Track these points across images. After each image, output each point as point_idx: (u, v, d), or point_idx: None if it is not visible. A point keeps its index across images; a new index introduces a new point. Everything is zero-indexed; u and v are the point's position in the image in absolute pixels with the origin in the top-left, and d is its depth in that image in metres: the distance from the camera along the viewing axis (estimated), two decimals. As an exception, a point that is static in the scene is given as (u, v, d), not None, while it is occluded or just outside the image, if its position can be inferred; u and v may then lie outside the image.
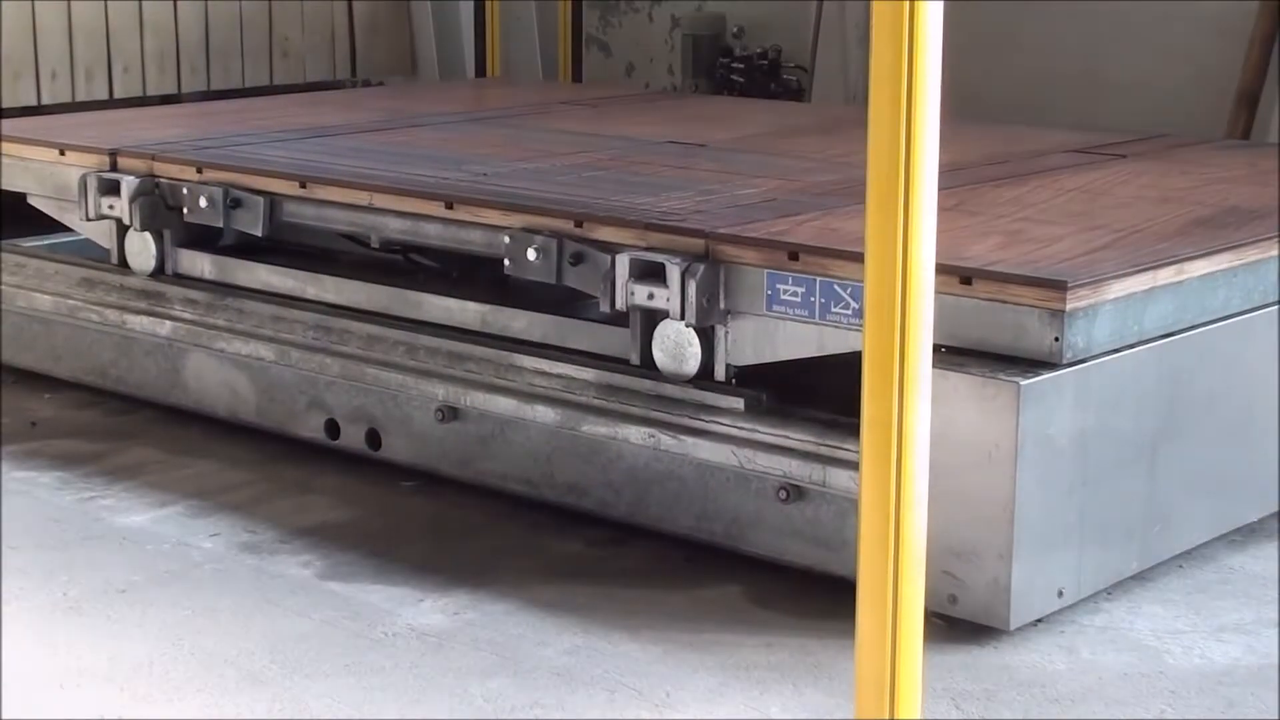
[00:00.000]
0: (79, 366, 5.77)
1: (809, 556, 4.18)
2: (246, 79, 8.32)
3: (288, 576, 4.32)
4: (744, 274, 4.26)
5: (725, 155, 5.60)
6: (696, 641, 3.95)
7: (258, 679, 3.76)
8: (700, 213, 4.59)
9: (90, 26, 7.73)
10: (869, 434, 2.88)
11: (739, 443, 4.25)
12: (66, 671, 3.79)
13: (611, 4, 9.70)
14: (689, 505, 4.38)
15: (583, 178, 5.17)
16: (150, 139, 5.83)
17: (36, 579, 4.29)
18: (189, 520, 4.69)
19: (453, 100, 7.24)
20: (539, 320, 4.77)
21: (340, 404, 5.06)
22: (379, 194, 5.06)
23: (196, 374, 5.42)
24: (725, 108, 7.30)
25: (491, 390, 4.71)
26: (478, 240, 4.83)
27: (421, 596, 4.19)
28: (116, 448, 5.28)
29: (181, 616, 4.08)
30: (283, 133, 6.04)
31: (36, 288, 5.85)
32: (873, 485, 2.88)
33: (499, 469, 4.74)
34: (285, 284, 5.33)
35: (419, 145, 5.82)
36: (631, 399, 4.46)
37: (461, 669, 3.81)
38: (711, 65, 9.20)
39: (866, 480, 2.89)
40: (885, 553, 2.89)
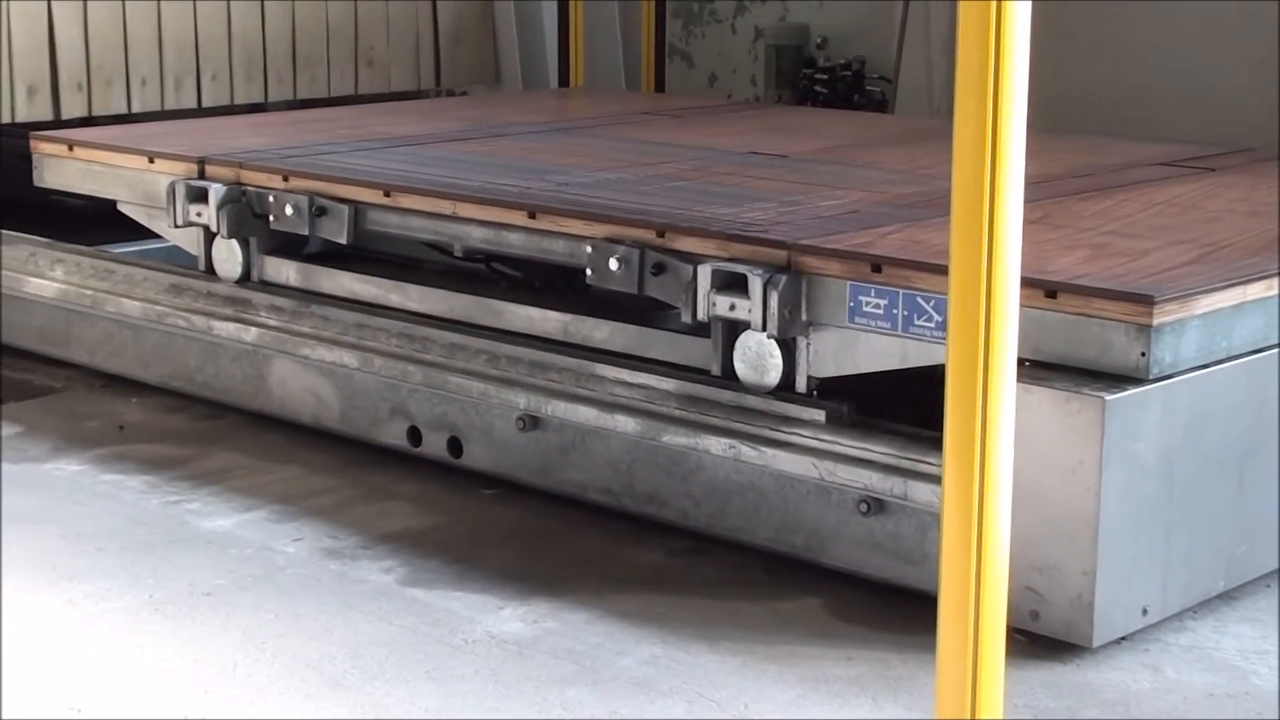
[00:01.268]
0: (166, 372, 5.83)
1: (889, 570, 4.17)
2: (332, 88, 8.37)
3: (369, 582, 4.35)
4: (826, 285, 4.25)
5: (808, 166, 5.60)
6: (775, 653, 3.95)
7: (339, 683, 3.79)
8: (782, 224, 4.59)
9: (180, 36, 7.80)
10: (952, 448, 2.87)
11: (820, 455, 4.24)
12: (152, 673, 3.83)
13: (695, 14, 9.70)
14: (769, 517, 4.38)
15: (665, 188, 5.18)
16: (238, 147, 5.88)
17: (123, 581, 4.34)
18: (273, 525, 4.73)
19: (536, 110, 7.26)
20: (620, 330, 4.78)
21: (422, 412, 5.08)
22: (462, 203, 5.08)
23: (281, 380, 5.47)
24: (808, 119, 7.28)
25: (573, 400, 4.72)
26: (560, 250, 4.85)
27: (501, 604, 4.21)
28: (202, 452, 5.33)
29: (264, 620, 4.11)
30: (367, 142, 6.08)
31: (126, 294, 5.91)
32: (955, 499, 2.87)
33: (579, 478, 4.75)
34: (369, 292, 5.37)
35: (502, 155, 5.84)
36: (712, 410, 4.46)
37: (540, 677, 3.82)
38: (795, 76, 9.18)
39: (949, 494, 2.88)
40: (967, 567, 2.88)
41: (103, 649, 3.96)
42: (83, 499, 4.94)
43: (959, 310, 2.83)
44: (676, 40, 9.66)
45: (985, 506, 2.86)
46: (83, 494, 4.98)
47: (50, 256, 6.22)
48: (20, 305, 6.29)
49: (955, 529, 2.88)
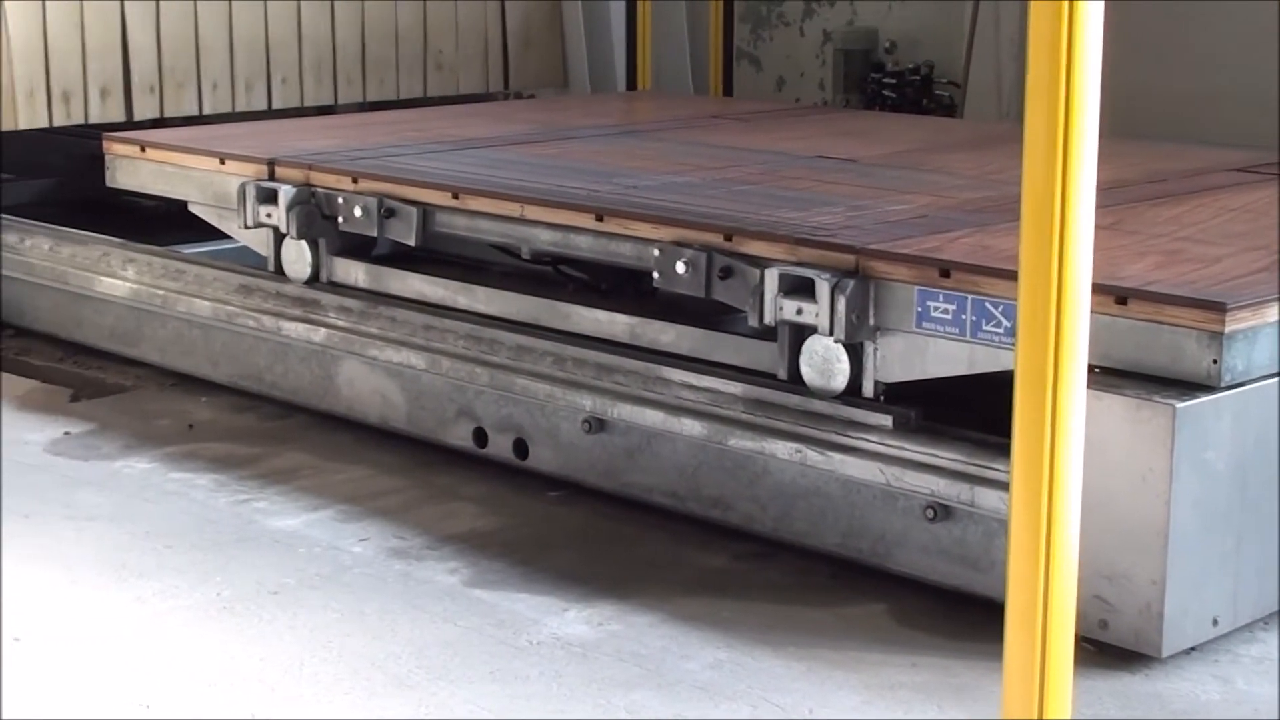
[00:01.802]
0: (235, 371, 5.87)
1: (955, 576, 4.15)
2: (401, 91, 8.40)
3: (435, 583, 4.36)
4: (894, 290, 4.24)
5: (876, 171, 5.58)
6: (840, 659, 3.94)
7: (404, 683, 3.80)
8: (850, 228, 4.58)
9: (251, 38, 7.85)
10: (1020, 454, 2.86)
11: (886, 460, 4.23)
12: (219, 670, 3.86)
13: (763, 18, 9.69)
14: (835, 522, 4.37)
15: (732, 192, 5.18)
16: (307, 149, 5.91)
17: (192, 579, 4.37)
18: (340, 525, 4.75)
19: (603, 113, 7.28)
20: (687, 333, 4.78)
21: (489, 413, 5.10)
22: (530, 206, 5.09)
23: (349, 381, 5.49)
24: (876, 123, 7.27)
25: (639, 402, 4.72)
26: (627, 253, 4.85)
27: (566, 606, 4.21)
28: (271, 451, 5.36)
29: (330, 619, 4.13)
30: (436, 144, 6.10)
31: (196, 294, 5.95)
32: (1023, 506, 2.86)
33: (645, 481, 4.75)
34: (437, 293, 5.39)
35: (570, 157, 5.85)
36: (779, 414, 4.45)
37: (605, 680, 3.83)
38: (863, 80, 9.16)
39: (1017, 501, 2.87)
40: (1035, 575, 2.86)
41: (171, 646, 3.99)
42: (152, 497, 4.98)
43: (1029, 316, 2.82)
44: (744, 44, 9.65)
45: (1054, 514, 2.84)
46: (152, 492, 5.02)
47: (122, 256, 6.27)
48: (92, 304, 6.34)
49: (1023, 536, 2.86)
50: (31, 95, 7.26)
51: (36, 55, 7.25)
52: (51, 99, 7.32)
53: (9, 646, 3.97)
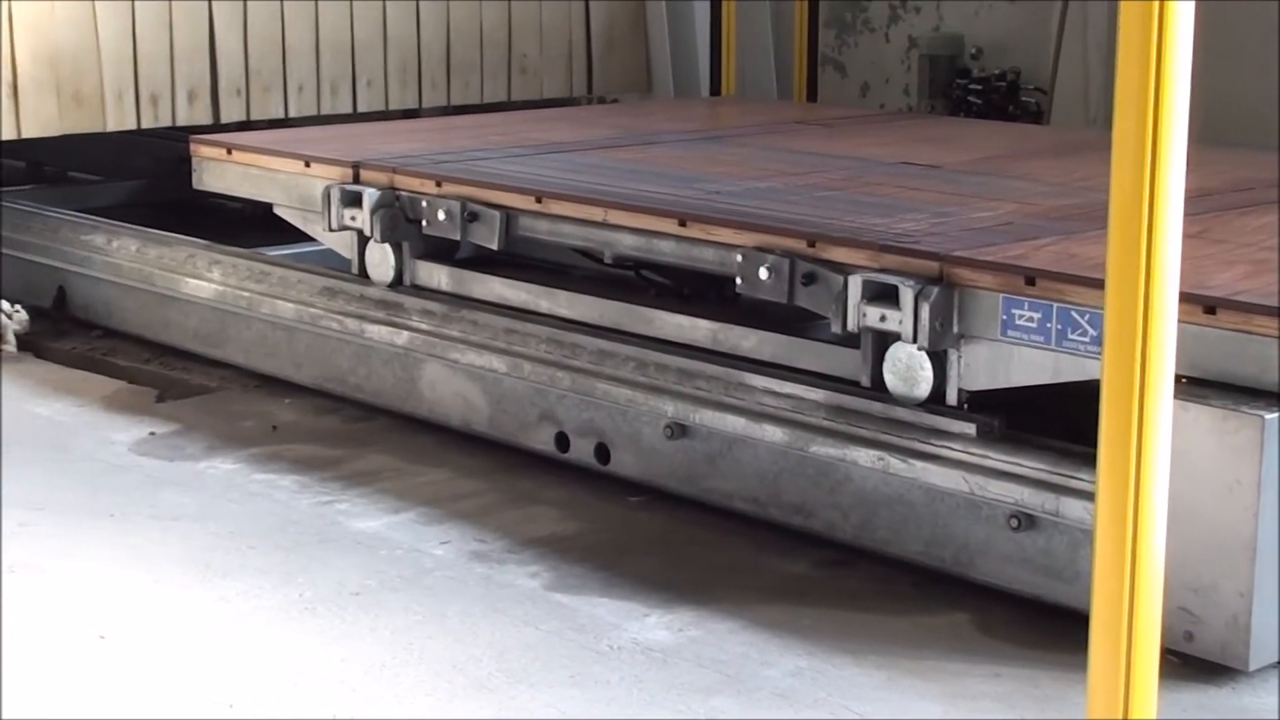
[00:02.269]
0: (319, 373, 5.90)
1: (1039, 586, 4.12)
2: (485, 95, 8.44)
3: (515, 586, 4.37)
4: (979, 298, 4.21)
5: (961, 177, 5.55)
6: (921, 668, 3.92)
7: (484, 686, 3.81)
8: (935, 235, 4.56)
9: (336, 42, 7.90)
10: (1106, 464, 2.83)
11: (970, 468, 4.21)
12: (301, 671, 3.88)
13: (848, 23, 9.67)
14: (917, 530, 4.34)
15: (816, 198, 5.16)
16: (391, 152, 5.94)
17: (275, 579, 4.39)
18: (421, 527, 4.77)
19: (687, 118, 7.27)
20: (769, 339, 4.77)
21: (570, 418, 5.10)
22: (613, 210, 5.09)
23: (431, 384, 5.51)
24: (961, 129, 7.23)
25: (720, 408, 4.71)
26: (710, 258, 4.85)
27: (647, 611, 4.21)
28: (353, 453, 5.39)
29: (411, 621, 4.14)
30: (519, 148, 6.12)
31: (280, 296, 5.99)
32: (1109, 517, 2.83)
33: (726, 487, 4.74)
34: (519, 297, 5.40)
35: (653, 162, 5.85)
36: (861, 421, 4.44)
37: (684, 685, 3.82)
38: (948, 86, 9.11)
39: (1102, 511, 2.84)
40: (1120, 586, 2.84)
41: (254, 646, 4.01)
42: (236, 498, 5.01)
43: (1115, 325, 2.80)
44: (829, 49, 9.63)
45: (1140, 524, 2.82)
46: (236, 493, 5.05)
47: (208, 258, 6.32)
48: (178, 305, 6.40)
49: (1109, 547, 2.84)
50: (120, 98, 7.34)
51: (126, 58, 7.32)
52: (140, 101, 7.40)
53: (96, 644, 4.01)
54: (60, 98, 7.18)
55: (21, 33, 7.01)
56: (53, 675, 3.87)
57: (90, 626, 4.09)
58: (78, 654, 3.97)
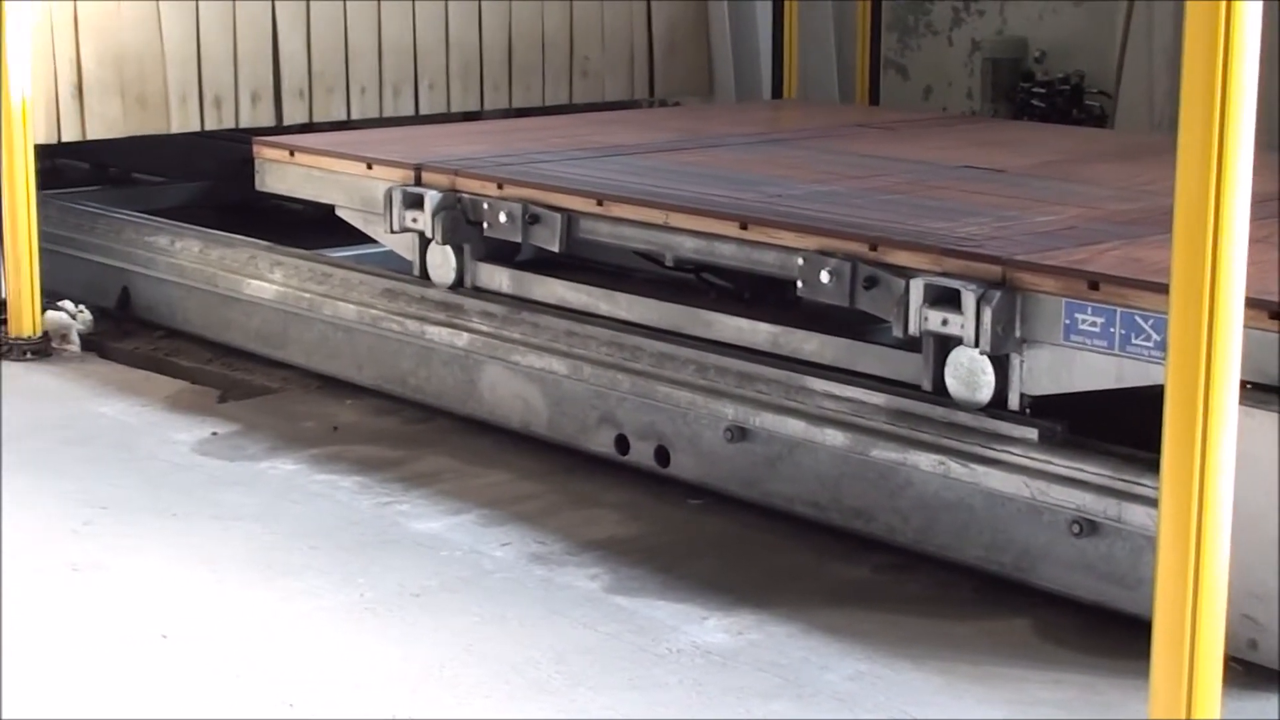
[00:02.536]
0: (379, 374, 5.92)
1: (1101, 593, 4.10)
2: (547, 98, 8.45)
3: (575, 588, 4.37)
4: (1041, 302, 4.19)
5: (1024, 181, 5.53)
6: (981, 674, 3.90)
7: (543, 688, 3.81)
8: (997, 239, 4.54)
9: (399, 45, 7.93)
10: (1169, 470, 2.82)
11: (1031, 474, 4.19)
12: (361, 671, 3.89)
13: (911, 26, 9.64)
14: (978, 535, 4.33)
15: (878, 201, 5.15)
16: (453, 155, 5.96)
17: (335, 579, 4.41)
18: (481, 529, 4.78)
19: (748, 121, 7.26)
20: (830, 343, 4.76)
21: (630, 420, 5.10)
22: (674, 213, 5.09)
23: (491, 385, 5.52)
24: (1025, 133, 7.19)
25: (781, 412, 4.71)
26: (771, 261, 4.84)
27: (706, 614, 4.21)
28: (414, 455, 5.40)
29: (471, 623, 4.15)
30: (581, 151, 6.12)
31: (342, 297, 6.01)
32: (1172, 523, 2.82)
33: (786, 490, 4.74)
34: (580, 300, 5.40)
35: (714, 165, 5.85)
36: (922, 425, 4.42)
37: (743, 689, 3.82)
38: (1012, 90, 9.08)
39: (1166, 518, 2.83)
40: (1183, 593, 2.82)
41: (314, 646, 4.03)
42: (297, 498, 5.03)
43: (1180, 330, 2.78)
44: (891, 52, 9.60)
45: (1203, 531, 2.80)
46: (297, 493, 5.07)
47: (270, 259, 6.35)
48: (240, 306, 6.43)
49: (1172, 553, 2.82)
50: (184, 100, 7.38)
51: (190, 60, 7.37)
52: (204, 104, 7.44)
53: (158, 643, 4.03)
54: (125, 100, 7.23)
55: (87, 35, 7.07)
56: (115, 674, 3.89)
57: (152, 625, 4.12)
58: (140, 653, 3.99)
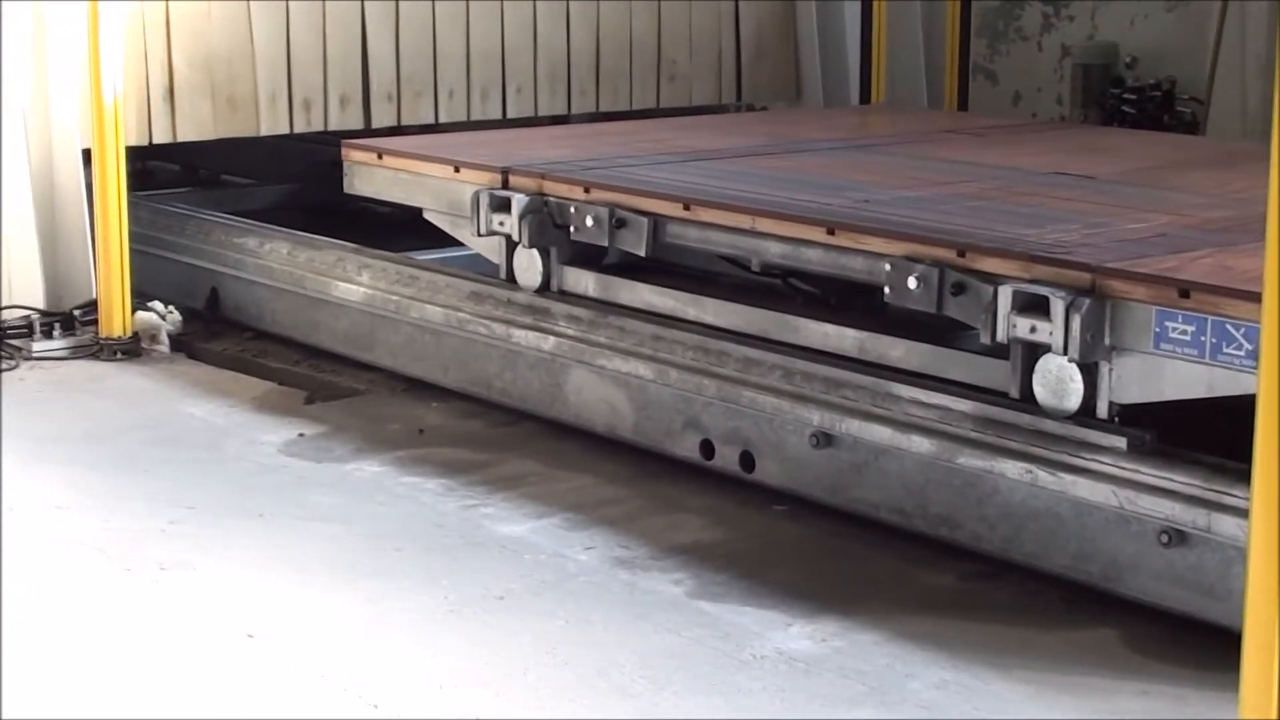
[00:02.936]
0: (465, 377, 5.94)
1: (1190, 604, 4.06)
2: (634, 102, 8.46)
3: (659, 593, 4.37)
4: (1131, 310, 4.16)
5: (1114, 188, 5.48)
6: (1068, 684, 3.87)
7: (626, 692, 3.81)
8: (1087, 246, 4.50)
9: (487, 49, 7.96)
10: (1261, 481, 2.78)
11: (1120, 483, 4.15)
12: (445, 673, 3.90)
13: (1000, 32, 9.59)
14: (1065, 544, 4.29)
15: (966, 207, 5.12)
16: (540, 158, 5.97)
17: (420, 581, 4.42)
18: (565, 532, 4.78)
19: (836, 126, 7.24)
20: (917, 349, 4.74)
21: (716, 425, 5.10)
22: (761, 218, 5.08)
23: (577, 389, 5.53)
24: (1115, 139, 7.14)
25: (867, 418, 4.69)
26: (858, 267, 4.82)
27: (790, 621, 4.19)
28: (498, 458, 5.41)
29: (555, 626, 4.16)
30: (667, 155, 6.12)
31: (428, 300, 6.03)
32: (1263, 534, 2.78)
33: (872, 497, 4.72)
34: (666, 304, 5.40)
35: (801, 170, 5.83)
36: (1009, 433, 4.39)
37: (828, 696, 3.80)
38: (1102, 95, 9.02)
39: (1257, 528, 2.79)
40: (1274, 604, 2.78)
41: (398, 648, 4.04)
42: (383, 500, 5.06)
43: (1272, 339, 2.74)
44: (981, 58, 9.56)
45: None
46: (383, 495, 5.10)
47: (357, 262, 6.39)
48: (328, 308, 6.47)
49: (1262, 564, 2.79)
50: (274, 102, 7.44)
51: (279, 63, 7.42)
52: (293, 106, 7.50)
53: (244, 643, 4.06)
54: (215, 102, 7.29)
55: (179, 37, 7.13)
56: (201, 674, 3.92)
57: (238, 625, 4.15)
58: (226, 652, 4.02)
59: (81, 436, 5.61)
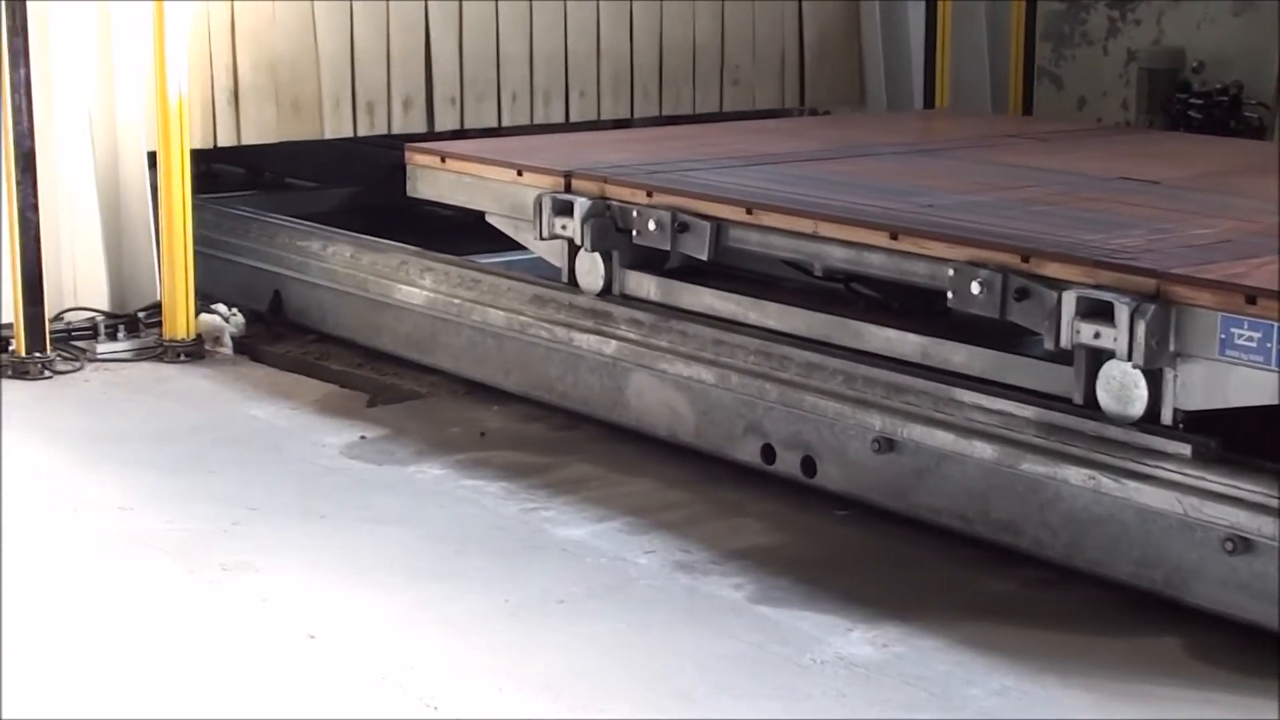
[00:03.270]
0: (527, 381, 5.94)
1: (1255, 612, 4.02)
2: (697, 106, 8.45)
3: (719, 598, 4.36)
4: (1196, 316, 4.12)
5: (1180, 193, 5.45)
6: (1130, 692, 3.85)
7: (686, 696, 3.81)
8: (1151, 252, 4.47)
9: (550, 53, 7.96)
10: (1329, 488, 2.76)
11: (1184, 490, 4.12)
12: (505, 675, 3.91)
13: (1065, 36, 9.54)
14: (1128, 551, 4.26)
15: (1030, 212, 5.09)
16: (603, 162, 5.97)
17: (480, 584, 4.43)
18: (626, 536, 4.78)
19: (899, 131, 7.22)
20: (980, 354, 4.72)
21: (777, 430, 5.08)
22: (824, 223, 5.07)
23: (638, 393, 5.52)
24: (1181, 145, 7.09)
25: (929, 423, 4.67)
26: (921, 272, 4.80)
27: (851, 626, 4.18)
28: (559, 461, 5.41)
29: (615, 629, 4.16)
30: (730, 159, 6.11)
31: (490, 303, 6.04)
32: (1331, 542, 2.76)
33: (933, 503, 4.70)
34: (728, 308, 5.39)
35: (864, 175, 5.81)
36: (1073, 439, 4.36)
37: (888, 702, 3.79)
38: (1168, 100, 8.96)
39: (1325, 536, 2.77)
40: (1342, 613, 2.76)
41: (458, 650, 4.05)
42: (444, 503, 5.07)
43: (1342, 345, 2.72)
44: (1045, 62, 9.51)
45: (1364, 551, 2.74)
46: (444, 498, 5.11)
47: (420, 265, 6.40)
48: (390, 311, 6.49)
49: (1330, 573, 2.76)
50: (337, 105, 7.47)
51: (343, 66, 7.45)
52: (356, 109, 7.52)
53: (305, 643, 4.07)
54: (279, 105, 7.33)
55: (243, 41, 7.17)
56: (262, 674, 3.94)
57: (299, 625, 4.16)
58: (286, 652, 4.03)
59: (145, 438, 5.65)
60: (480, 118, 7.84)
